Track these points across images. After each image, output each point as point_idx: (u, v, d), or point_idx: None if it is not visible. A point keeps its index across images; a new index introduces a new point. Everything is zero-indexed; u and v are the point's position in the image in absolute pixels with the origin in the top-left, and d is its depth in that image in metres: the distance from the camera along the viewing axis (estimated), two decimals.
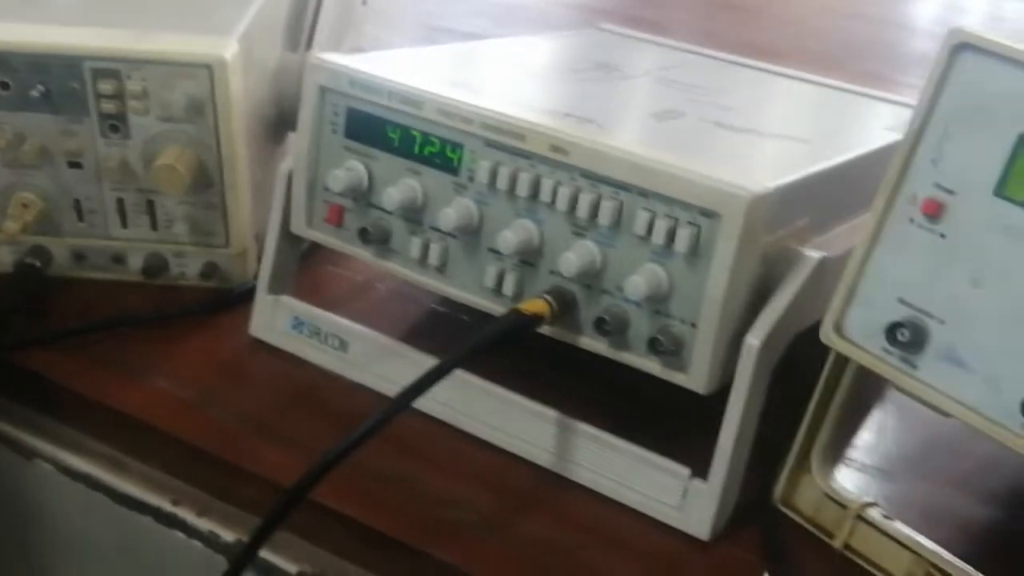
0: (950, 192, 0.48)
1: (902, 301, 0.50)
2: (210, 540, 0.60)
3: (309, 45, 0.78)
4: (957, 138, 0.48)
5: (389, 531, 0.57)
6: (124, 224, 0.70)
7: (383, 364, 0.64)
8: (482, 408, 0.62)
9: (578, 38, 0.83)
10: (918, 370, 0.49)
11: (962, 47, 0.48)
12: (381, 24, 1.08)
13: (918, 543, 0.54)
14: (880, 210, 0.50)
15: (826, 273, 0.56)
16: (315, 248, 0.71)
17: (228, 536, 0.60)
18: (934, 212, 0.49)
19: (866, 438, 0.65)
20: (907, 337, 0.49)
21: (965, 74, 0.48)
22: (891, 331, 0.50)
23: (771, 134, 0.66)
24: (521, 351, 0.59)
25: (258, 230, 0.72)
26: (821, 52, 0.91)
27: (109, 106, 0.66)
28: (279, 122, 0.75)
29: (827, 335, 0.52)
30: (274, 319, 0.68)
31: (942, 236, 0.48)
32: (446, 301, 0.72)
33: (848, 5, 1.31)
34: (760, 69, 0.81)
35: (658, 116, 0.65)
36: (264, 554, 0.58)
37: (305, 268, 0.71)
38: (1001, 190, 0.47)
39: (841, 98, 0.77)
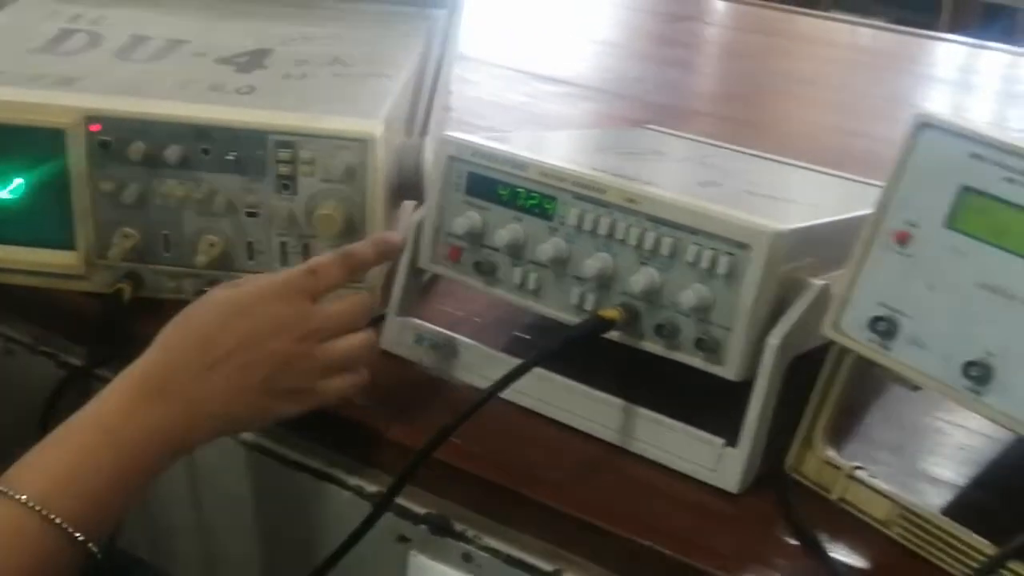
0: (915, 225, 0.68)
1: (880, 303, 0.69)
2: (357, 491, 0.79)
3: (424, 132, 0.99)
4: (920, 187, 0.68)
5: (495, 479, 0.75)
6: (284, 262, 0.89)
7: (487, 367, 0.82)
8: (561, 398, 0.80)
9: (633, 133, 1.05)
10: (892, 351, 0.68)
11: (924, 125, 0.68)
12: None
13: (894, 493, 0.72)
14: (866, 239, 0.70)
15: (825, 299, 0.75)
16: (424, 290, 0.91)
17: (371, 488, 0.78)
18: (903, 240, 0.68)
19: (857, 433, 0.83)
20: (884, 328, 0.68)
21: (925, 144, 0.68)
22: (873, 324, 0.69)
23: (787, 199, 0.86)
24: (589, 360, 0.78)
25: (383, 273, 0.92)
26: (828, 160, 1.11)
27: (285, 170, 0.86)
28: (397, 192, 0.95)
29: (827, 330, 0.71)
30: (401, 335, 0.87)
31: (909, 256, 0.68)
32: (528, 329, 0.91)
33: (854, 126, 1.52)
34: (777, 161, 1.02)
35: (701, 184, 0.85)
36: (399, 500, 0.76)
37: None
38: (950, 223, 0.66)
39: (840, 182, 0.98)
